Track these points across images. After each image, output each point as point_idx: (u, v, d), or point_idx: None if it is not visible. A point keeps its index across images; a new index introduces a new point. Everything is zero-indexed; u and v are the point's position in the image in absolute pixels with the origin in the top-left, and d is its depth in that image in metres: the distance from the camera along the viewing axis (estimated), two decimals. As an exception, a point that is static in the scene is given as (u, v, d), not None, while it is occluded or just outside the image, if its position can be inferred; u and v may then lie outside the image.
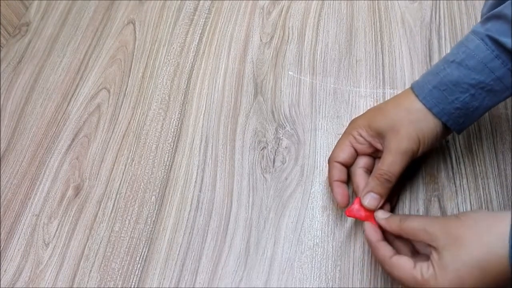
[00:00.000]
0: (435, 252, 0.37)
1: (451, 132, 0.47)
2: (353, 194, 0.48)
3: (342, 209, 0.48)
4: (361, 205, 0.45)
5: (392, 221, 0.42)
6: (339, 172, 0.47)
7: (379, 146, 0.46)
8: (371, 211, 0.44)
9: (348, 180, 0.48)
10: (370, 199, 0.44)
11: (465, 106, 0.42)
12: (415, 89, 0.45)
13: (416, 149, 0.43)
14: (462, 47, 0.43)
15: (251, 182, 0.52)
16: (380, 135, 0.45)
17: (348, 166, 0.48)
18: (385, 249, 0.41)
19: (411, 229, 0.39)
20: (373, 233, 0.42)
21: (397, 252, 0.42)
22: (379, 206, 0.44)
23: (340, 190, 0.47)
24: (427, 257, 0.39)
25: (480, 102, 0.42)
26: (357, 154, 0.48)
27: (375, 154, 0.47)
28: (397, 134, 0.43)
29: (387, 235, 0.43)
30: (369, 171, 0.47)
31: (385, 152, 0.44)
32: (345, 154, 0.47)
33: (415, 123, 0.43)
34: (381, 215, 0.43)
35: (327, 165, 0.48)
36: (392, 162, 0.43)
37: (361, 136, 0.46)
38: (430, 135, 0.44)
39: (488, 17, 0.42)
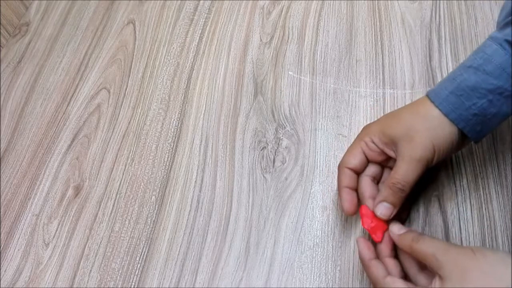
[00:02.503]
0: (439, 279, 0.36)
1: (468, 143, 0.45)
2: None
3: (348, 216, 0.48)
4: (372, 216, 0.44)
5: (405, 238, 0.41)
6: (349, 179, 0.46)
7: (391, 153, 0.44)
8: (382, 221, 0.44)
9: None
10: (383, 209, 0.43)
11: (483, 112, 0.41)
12: (431, 95, 0.44)
13: (431, 158, 0.42)
14: (479, 52, 0.42)
15: (251, 182, 0.52)
16: (394, 142, 0.44)
17: (359, 173, 0.47)
18: (378, 269, 0.40)
19: (421, 252, 0.39)
20: (366, 251, 0.42)
21: (404, 264, 0.42)
22: (392, 216, 0.43)
23: (349, 197, 0.45)
24: (429, 278, 0.39)
25: (498, 108, 0.41)
26: (367, 161, 0.46)
27: (385, 163, 0.46)
28: (411, 142, 0.42)
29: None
30: (376, 180, 0.47)
31: (398, 160, 0.43)
32: (356, 160, 0.46)
33: (430, 131, 0.42)
34: (396, 230, 0.42)
35: (337, 170, 0.47)
36: (406, 171, 0.42)
37: (373, 142, 0.45)
38: (446, 143, 0.42)
39: (507, 23, 0.41)
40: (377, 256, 0.42)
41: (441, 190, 0.49)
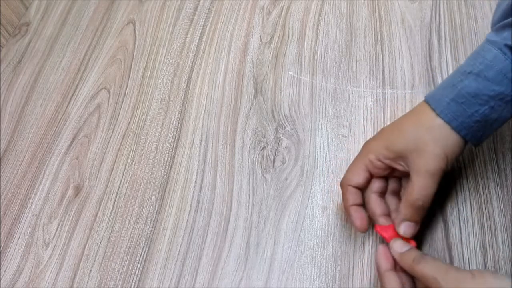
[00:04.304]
0: None
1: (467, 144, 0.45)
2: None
3: (361, 232, 0.47)
4: (392, 232, 0.43)
5: (406, 258, 0.40)
6: (354, 196, 0.45)
7: (399, 167, 0.44)
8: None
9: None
10: (406, 228, 0.42)
11: (485, 118, 0.41)
12: (431, 102, 0.43)
13: (445, 167, 0.42)
14: (479, 57, 0.41)
15: (251, 182, 0.52)
16: (402, 157, 0.43)
17: (363, 189, 0.46)
18: (390, 281, 0.40)
19: (422, 274, 0.38)
20: (384, 261, 0.41)
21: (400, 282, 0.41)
22: (416, 231, 0.43)
23: (358, 215, 0.45)
24: None
25: (499, 114, 0.41)
26: (372, 177, 0.46)
27: (390, 174, 0.46)
28: (423, 154, 0.41)
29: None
30: (383, 194, 0.46)
31: (413, 176, 0.42)
32: (359, 179, 0.45)
33: (440, 141, 0.41)
34: (398, 249, 0.41)
35: (340, 188, 0.47)
36: (424, 186, 0.41)
37: (379, 160, 0.44)
38: (456, 151, 0.42)
39: (504, 25, 0.41)
40: (395, 267, 0.42)
41: (441, 190, 0.49)
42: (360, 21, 0.64)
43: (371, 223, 0.46)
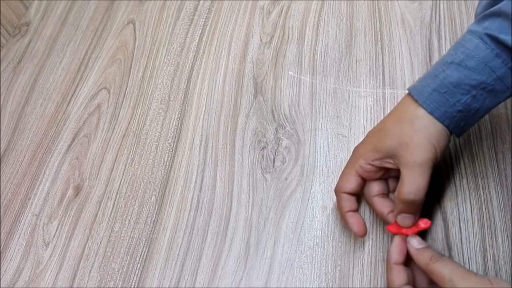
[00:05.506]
0: None
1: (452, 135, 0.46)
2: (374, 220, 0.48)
3: (361, 237, 0.47)
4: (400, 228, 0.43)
5: (423, 256, 0.40)
6: (349, 202, 0.46)
7: (389, 165, 0.44)
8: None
9: (359, 204, 0.48)
10: (403, 219, 0.42)
11: (467, 108, 0.41)
12: (414, 93, 0.43)
13: (434, 157, 0.41)
14: (460, 47, 0.41)
15: (251, 182, 0.52)
16: (390, 155, 0.43)
17: (356, 195, 0.47)
18: (399, 275, 0.40)
19: (438, 273, 0.38)
20: (396, 254, 0.41)
21: (414, 276, 0.41)
22: (415, 221, 0.43)
23: (355, 220, 0.45)
24: None
25: (481, 103, 0.41)
26: (364, 181, 0.46)
27: (386, 175, 0.46)
28: (409, 148, 0.41)
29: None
30: (386, 195, 0.46)
31: (402, 170, 0.42)
32: (352, 185, 0.45)
33: (424, 132, 0.41)
34: (416, 244, 0.41)
35: (335, 195, 0.47)
36: (413, 178, 0.41)
37: (368, 164, 0.45)
38: (442, 140, 0.42)
39: (485, 15, 0.41)
40: (405, 263, 0.42)
41: (441, 190, 0.49)
42: (360, 21, 0.64)
43: (379, 226, 0.46)
